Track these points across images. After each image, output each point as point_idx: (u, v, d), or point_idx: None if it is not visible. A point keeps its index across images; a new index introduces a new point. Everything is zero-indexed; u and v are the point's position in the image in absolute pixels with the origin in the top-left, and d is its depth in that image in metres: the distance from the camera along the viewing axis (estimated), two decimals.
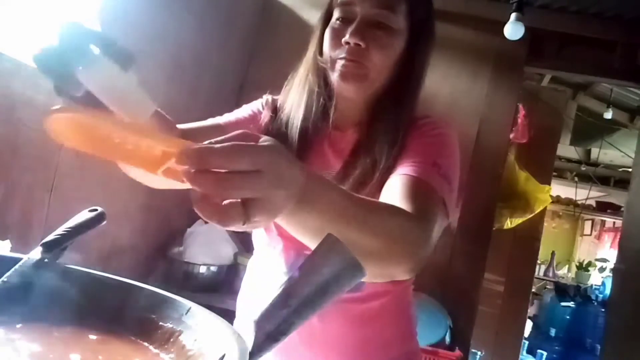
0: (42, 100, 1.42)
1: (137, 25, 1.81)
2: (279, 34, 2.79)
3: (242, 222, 0.46)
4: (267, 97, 1.04)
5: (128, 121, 0.55)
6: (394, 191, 0.79)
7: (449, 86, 2.71)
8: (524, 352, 4.87)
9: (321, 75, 0.95)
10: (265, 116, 1.00)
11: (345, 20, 0.92)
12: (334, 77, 0.92)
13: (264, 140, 0.49)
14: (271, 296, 0.41)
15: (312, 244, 0.63)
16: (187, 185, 0.46)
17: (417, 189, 0.79)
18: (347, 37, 0.88)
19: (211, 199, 0.46)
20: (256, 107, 1.03)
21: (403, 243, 0.67)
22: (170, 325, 0.50)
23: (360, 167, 0.89)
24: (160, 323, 0.51)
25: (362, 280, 0.42)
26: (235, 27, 2.65)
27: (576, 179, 5.53)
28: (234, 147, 0.46)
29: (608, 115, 4.38)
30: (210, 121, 0.96)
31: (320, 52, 0.96)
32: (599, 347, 4.00)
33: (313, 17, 2.20)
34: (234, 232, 2.06)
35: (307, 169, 0.54)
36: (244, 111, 1.01)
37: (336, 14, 0.94)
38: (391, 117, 0.92)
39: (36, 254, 0.55)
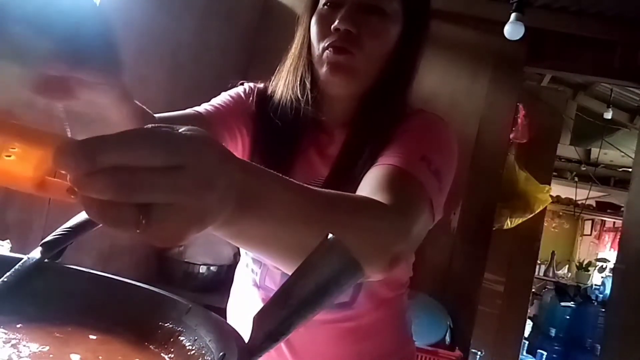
0: (43, 99, 1.42)
1: (137, 25, 1.81)
2: (279, 34, 2.77)
3: (137, 228, 0.33)
4: (248, 85, 0.94)
5: None
6: (372, 181, 0.70)
7: (449, 86, 2.70)
8: (524, 352, 4.88)
9: (308, 71, 0.86)
10: (254, 108, 0.89)
11: (334, 5, 0.82)
12: (322, 71, 0.82)
13: (187, 129, 0.36)
14: (271, 296, 0.41)
15: (262, 254, 0.55)
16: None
17: (399, 179, 0.69)
18: (336, 23, 0.79)
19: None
20: (236, 93, 0.92)
21: (375, 241, 0.58)
22: (170, 325, 0.50)
23: (349, 173, 0.80)
24: (160, 323, 0.50)
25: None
26: (235, 26, 2.65)
27: (576, 179, 5.53)
28: (141, 134, 0.34)
29: (608, 115, 4.39)
30: (188, 110, 0.82)
31: (308, 45, 0.86)
32: (599, 347, 4.00)
33: None
34: None
35: (248, 165, 0.44)
36: (223, 98, 0.90)
37: None
38: (382, 115, 0.84)
39: (36, 254, 0.54)
